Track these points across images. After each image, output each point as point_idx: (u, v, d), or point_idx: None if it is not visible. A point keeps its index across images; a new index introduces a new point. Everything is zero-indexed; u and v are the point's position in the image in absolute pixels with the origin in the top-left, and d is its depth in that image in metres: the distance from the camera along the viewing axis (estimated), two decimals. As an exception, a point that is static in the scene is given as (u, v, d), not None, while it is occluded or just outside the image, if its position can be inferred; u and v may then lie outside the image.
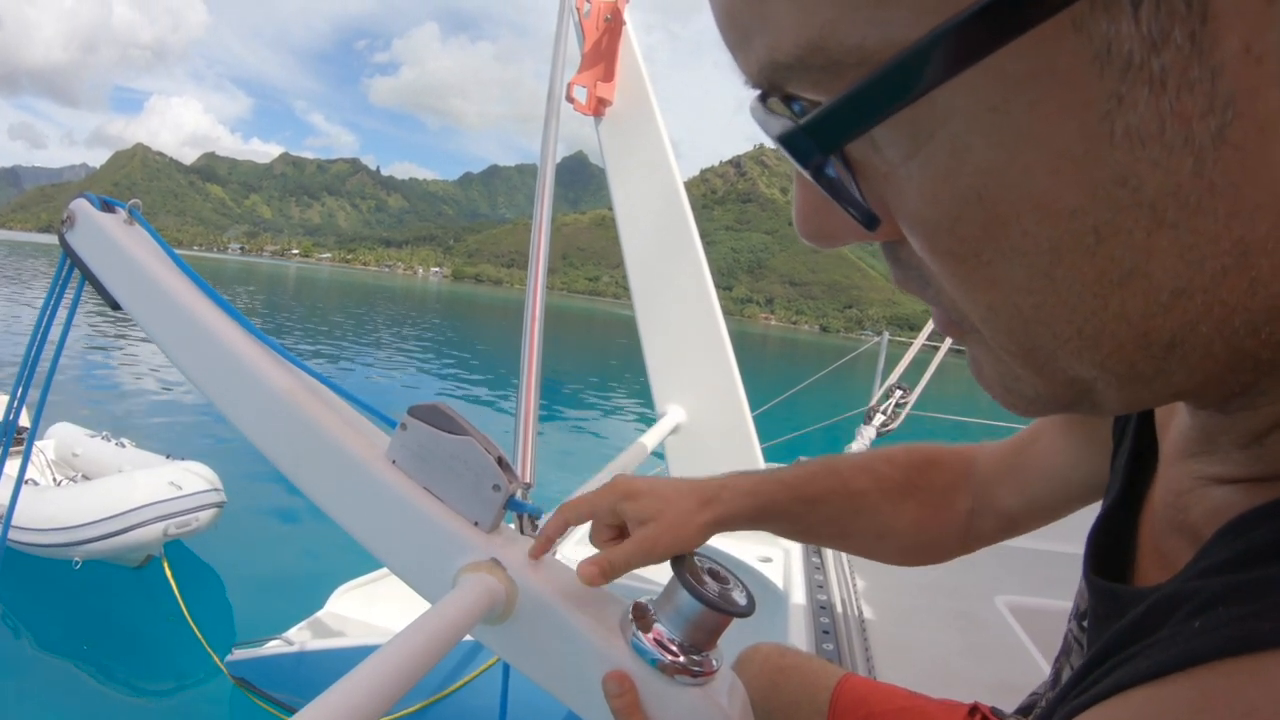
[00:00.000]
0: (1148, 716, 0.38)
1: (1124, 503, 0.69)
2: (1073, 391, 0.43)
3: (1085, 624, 0.70)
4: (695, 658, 0.98)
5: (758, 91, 0.42)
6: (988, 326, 0.43)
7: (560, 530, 1.09)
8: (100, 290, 1.44)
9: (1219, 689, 0.35)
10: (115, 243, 1.41)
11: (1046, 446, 1.05)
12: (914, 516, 1.13)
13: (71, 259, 1.47)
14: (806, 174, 0.40)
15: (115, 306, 1.43)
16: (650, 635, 0.99)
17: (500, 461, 1.10)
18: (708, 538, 1.06)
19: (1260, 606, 0.37)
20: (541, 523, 1.21)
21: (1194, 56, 0.30)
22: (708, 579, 0.99)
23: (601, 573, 1.00)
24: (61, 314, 1.58)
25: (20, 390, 1.63)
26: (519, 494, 1.12)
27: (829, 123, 0.36)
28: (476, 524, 1.11)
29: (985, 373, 0.48)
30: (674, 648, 0.98)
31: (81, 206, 1.46)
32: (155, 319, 1.36)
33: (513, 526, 1.20)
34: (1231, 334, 0.37)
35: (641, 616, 1.01)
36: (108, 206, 1.48)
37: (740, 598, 0.99)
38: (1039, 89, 0.32)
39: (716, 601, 0.95)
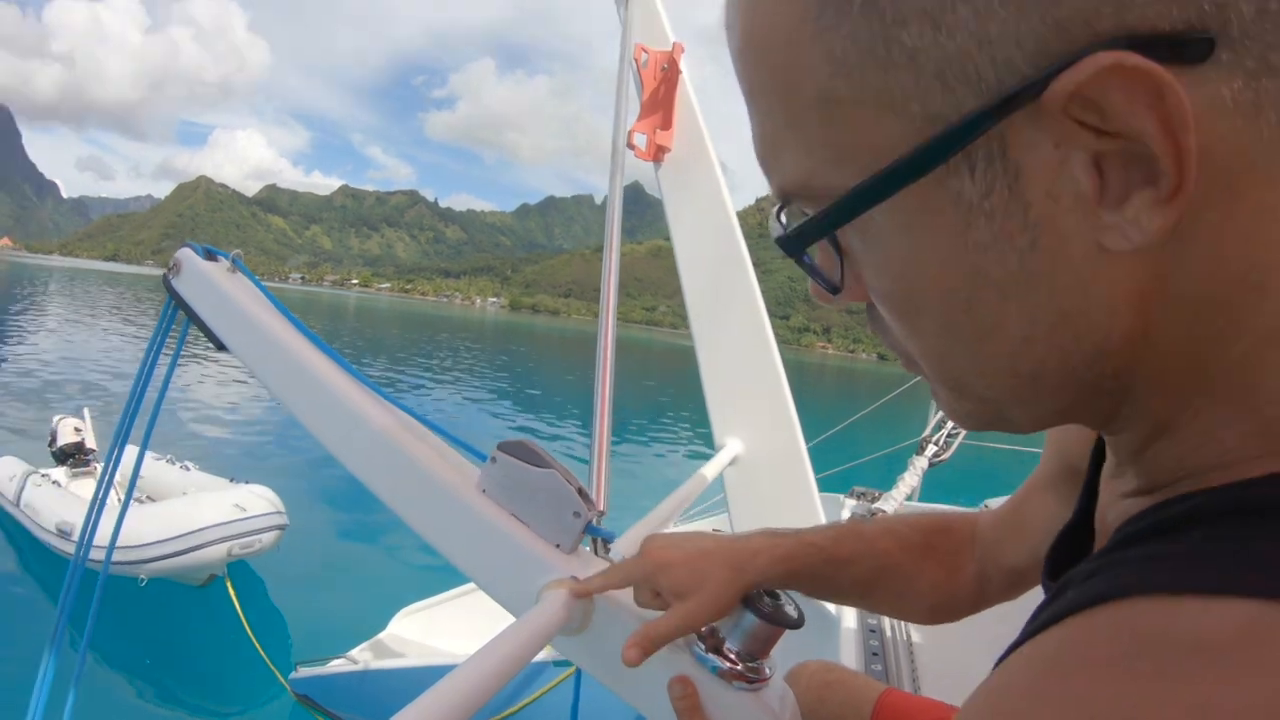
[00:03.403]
0: (1026, 660, 0.52)
1: (1080, 522, 0.83)
2: (988, 409, 0.64)
3: None
4: (751, 665, 1.10)
5: (778, 204, 0.64)
6: (924, 361, 0.64)
7: (600, 590, 1.18)
8: (206, 332, 1.55)
9: (1069, 634, 0.50)
10: (220, 289, 1.52)
11: (1037, 503, 1.14)
12: (932, 578, 1.22)
13: (177, 303, 1.57)
14: (795, 260, 0.64)
15: (221, 348, 1.53)
16: (711, 644, 1.11)
17: (580, 491, 1.22)
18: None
19: (1105, 575, 0.52)
20: (614, 547, 1.33)
21: (1012, 199, 0.50)
22: (764, 595, 1.11)
23: (643, 651, 1.07)
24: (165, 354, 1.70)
25: (127, 421, 1.74)
26: (594, 520, 1.24)
27: (802, 233, 0.60)
28: (558, 546, 1.23)
29: (939, 397, 0.68)
30: (732, 656, 1.10)
31: (187, 255, 1.57)
32: (261, 360, 1.48)
33: (588, 549, 1.31)
34: (1073, 369, 0.56)
35: (705, 628, 1.13)
36: (210, 255, 1.59)
37: (792, 611, 1.10)
38: (925, 216, 0.53)
39: (771, 614, 1.08)
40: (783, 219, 0.64)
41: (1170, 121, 0.44)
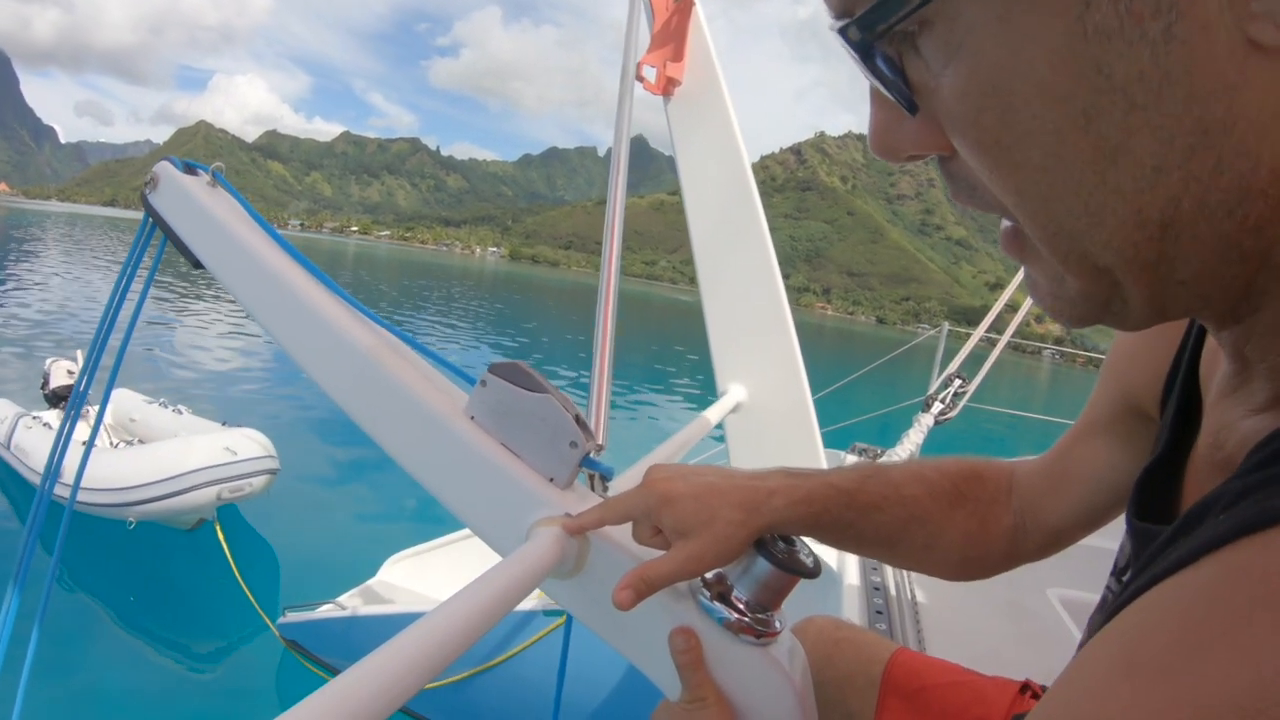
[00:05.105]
0: (1177, 595, 0.42)
1: (1170, 454, 0.73)
2: (1102, 285, 0.51)
3: (1125, 579, 0.72)
4: (761, 617, 1.00)
5: (841, 21, 0.52)
6: (1020, 212, 0.52)
7: (596, 525, 1.07)
8: (181, 249, 1.47)
9: (1238, 562, 0.39)
10: (199, 203, 1.44)
11: (1083, 452, 1.05)
12: (963, 528, 1.11)
13: (154, 219, 1.50)
14: (860, 62, 0.52)
15: (197, 265, 1.45)
16: (717, 592, 1.01)
17: (578, 420, 1.12)
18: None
19: (1261, 496, 0.41)
20: (613, 486, 1.23)
21: None
22: (778, 541, 1.00)
23: (637, 594, 0.97)
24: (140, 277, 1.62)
25: (98, 345, 1.66)
26: (593, 453, 1.14)
27: (873, 17, 0.49)
28: (551, 480, 1.13)
29: (1039, 286, 0.56)
30: (741, 606, 1.00)
31: (165, 169, 1.49)
32: (238, 277, 1.39)
33: (585, 486, 1.21)
34: (1211, 214, 0.45)
35: (712, 575, 1.04)
36: (190, 170, 1.51)
37: (807, 560, 1.00)
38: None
39: (786, 562, 0.97)
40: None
41: None
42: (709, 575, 1.04)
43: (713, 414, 2.69)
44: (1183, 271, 0.49)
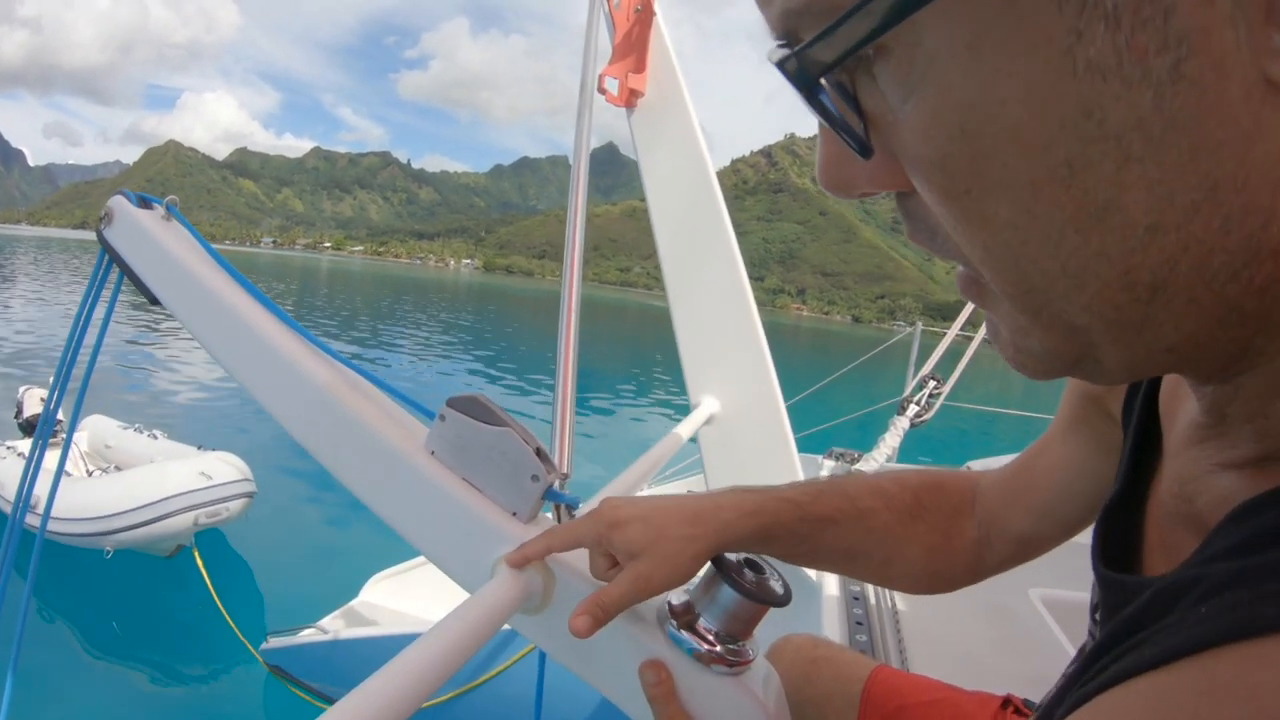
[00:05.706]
0: (1153, 703, 0.38)
1: (1129, 493, 0.70)
2: (1074, 344, 0.46)
3: (1098, 616, 0.70)
4: (732, 647, 0.98)
5: (781, 42, 0.45)
6: (987, 268, 0.46)
7: (541, 554, 1.05)
8: (138, 285, 1.45)
9: (1223, 674, 0.36)
10: (153, 238, 1.42)
11: (1051, 459, 1.01)
12: (924, 542, 1.09)
13: (110, 255, 1.47)
14: (803, 99, 0.45)
15: (154, 301, 1.43)
16: (685, 622, 0.99)
17: (539, 452, 1.11)
18: (705, 565, 1.00)
19: (1265, 590, 0.37)
20: (578, 512, 1.21)
21: None
22: (745, 569, 0.99)
23: (594, 620, 0.94)
24: (100, 309, 1.60)
25: (60, 383, 1.65)
26: (557, 484, 1.13)
27: (815, 49, 0.41)
28: (515, 514, 1.12)
29: (1000, 335, 0.51)
30: (710, 637, 0.98)
31: (119, 203, 1.47)
32: (193, 313, 1.37)
33: (550, 516, 1.20)
34: (1212, 277, 0.39)
35: (679, 606, 1.02)
36: (145, 203, 1.48)
37: (777, 587, 0.98)
38: (1005, 26, 0.36)
39: (754, 591, 0.95)
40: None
41: None
42: (677, 605, 1.02)
43: (685, 429, 2.66)
44: (1171, 337, 0.43)
